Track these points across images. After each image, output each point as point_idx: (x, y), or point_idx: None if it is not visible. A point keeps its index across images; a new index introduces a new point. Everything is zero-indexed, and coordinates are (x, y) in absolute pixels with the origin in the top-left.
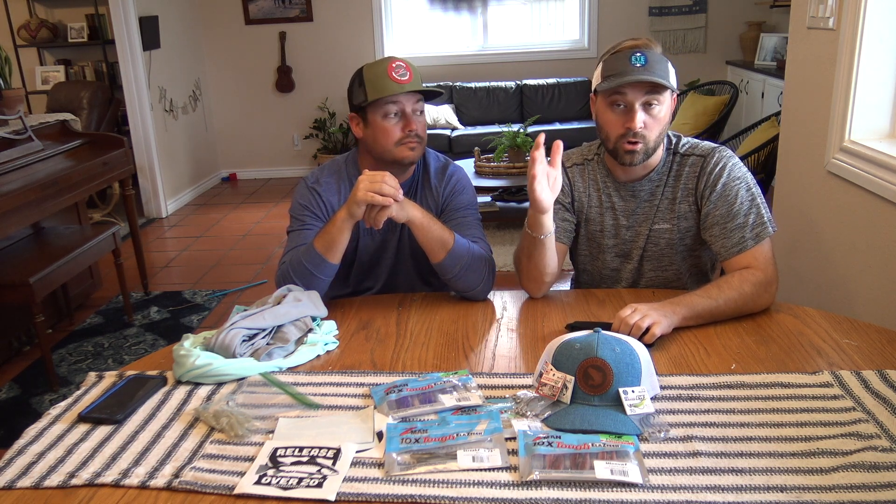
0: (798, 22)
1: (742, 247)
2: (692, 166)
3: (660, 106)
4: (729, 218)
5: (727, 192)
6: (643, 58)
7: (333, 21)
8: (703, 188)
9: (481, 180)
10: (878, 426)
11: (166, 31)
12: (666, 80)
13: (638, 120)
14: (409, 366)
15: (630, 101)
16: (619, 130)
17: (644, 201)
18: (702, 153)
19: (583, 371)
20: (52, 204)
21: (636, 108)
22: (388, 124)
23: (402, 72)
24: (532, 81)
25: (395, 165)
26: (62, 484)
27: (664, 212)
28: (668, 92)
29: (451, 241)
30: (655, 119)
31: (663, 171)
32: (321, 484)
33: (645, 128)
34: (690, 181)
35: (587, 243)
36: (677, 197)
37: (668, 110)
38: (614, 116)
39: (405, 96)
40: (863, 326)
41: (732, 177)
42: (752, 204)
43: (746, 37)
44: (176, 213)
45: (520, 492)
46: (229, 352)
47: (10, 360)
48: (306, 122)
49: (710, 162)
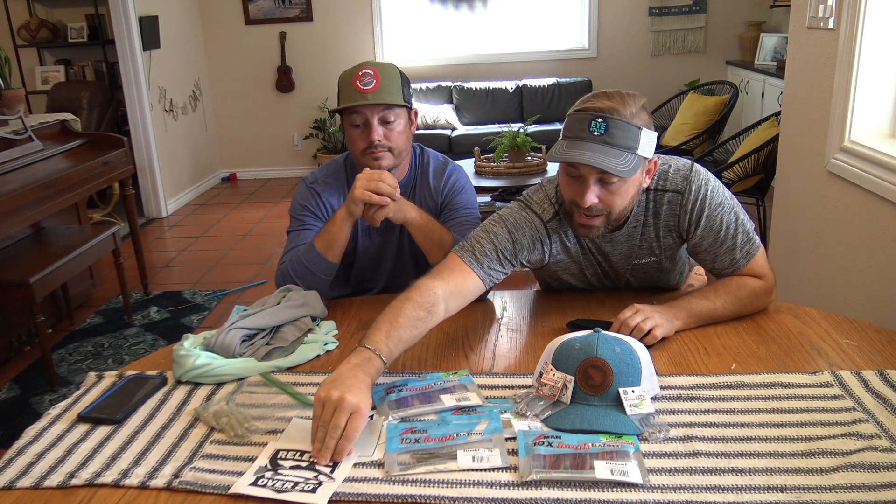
0: (798, 22)
1: (735, 267)
2: (670, 203)
3: (621, 182)
4: (717, 245)
5: (711, 224)
6: (603, 125)
7: (333, 21)
8: (688, 226)
9: (481, 180)
10: (878, 426)
11: (166, 31)
12: (624, 158)
13: (588, 198)
14: (409, 366)
15: (584, 175)
16: (573, 200)
17: (622, 244)
18: (676, 188)
19: (583, 371)
20: (52, 204)
21: (589, 183)
22: (354, 133)
23: (367, 80)
24: (532, 81)
25: None
26: (62, 484)
27: (647, 248)
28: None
29: (450, 241)
30: (615, 195)
31: (639, 212)
32: (315, 489)
33: (601, 202)
34: (671, 219)
35: (564, 280)
36: (660, 234)
37: (636, 181)
38: (567, 184)
39: (368, 106)
40: (863, 326)
41: (713, 206)
42: (738, 225)
43: (746, 37)
44: (176, 213)
45: (520, 492)
46: (229, 352)
47: (10, 360)
48: (306, 122)
49: (687, 198)
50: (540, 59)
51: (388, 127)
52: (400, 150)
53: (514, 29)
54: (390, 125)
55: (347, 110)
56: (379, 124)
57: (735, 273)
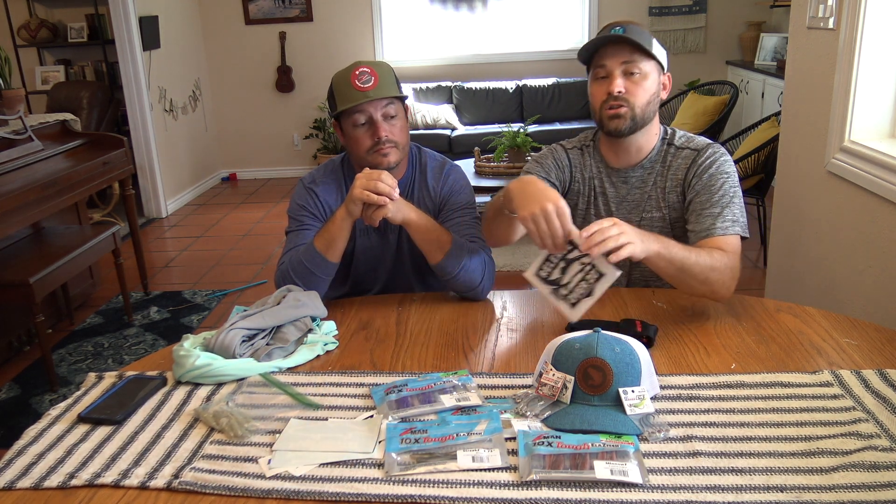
0: (798, 22)
1: (710, 232)
2: (685, 159)
3: (640, 73)
4: (706, 203)
5: (711, 183)
6: (621, 28)
7: (333, 21)
8: (692, 178)
9: (481, 180)
10: (878, 426)
11: (166, 31)
12: (643, 45)
13: (617, 84)
14: (408, 366)
15: (609, 69)
16: (602, 97)
17: (635, 188)
18: (696, 147)
19: (582, 371)
20: (52, 204)
21: (615, 74)
22: (358, 133)
23: (365, 78)
24: (532, 81)
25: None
26: (62, 484)
27: (655, 201)
28: (652, 63)
29: (449, 241)
30: (637, 85)
31: (655, 159)
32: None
33: (627, 93)
34: (680, 172)
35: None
36: (667, 187)
37: (654, 82)
38: (597, 86)
39: (371, 103)
40: (863, 326)
41: (720, 171)
42: (731, 200)
43: (746, 37)
44: (176, 213)
45: (520, 492)
46: (229, 352)
47: (10, 360)
48: (306, 122)
49: (702, 155)
50: (540, 59)
51: (390, 122)
52: (403, 144)
53: (513, 29)
54: (393, 120)
55: (348, 111)
56: (383, 120)
57: (708, 238)
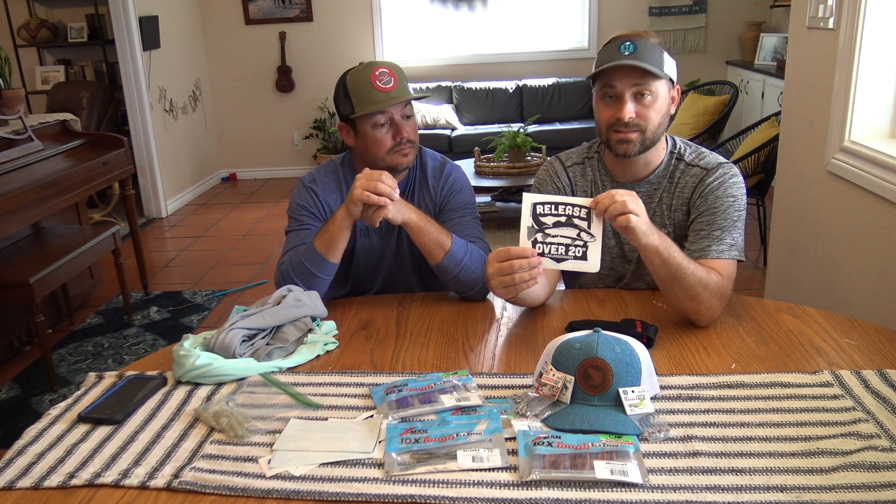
0: (798, 22)
1: (706, 253)
2: (693, 177)
3: (652, 95)
4: (707, 224)
5: (717, 205)
6: (632, 46)
7: (333, 21)
8: (697, 197)
9: (481, 180)
10: (878, 426)
11: (166, 31)
12: (655, 68)
13: (627, 110)
14: (408, 366)
15: (619, 91)
16: (610, 120)
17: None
18: (706, 166)
19: (583, 371)
20: (52, 204)
21: (626, 98)
22: (379, 134)
23: (386, 79)
24: (532, 81)
25: (389, 169)
26: (62, 484)
27: (660, 217)
28: (663, 82)
29: (449, 242)
30: (649, 108)
31: (663, 174)
32: (585, 255)
33: (638, 117)
34: (687, 191)
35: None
36: (674, 204)
37: (665, 101)
38: (605, 107)
39: (394, 105)
40: (863, 326)
41: (727, 194)
42: (734, 224)
43: (746, 37)
44: (176, 213)
45: (520, 492)
46: (229, 352)
47: (10, 360)
48: (306, 122)
49: (711, 175)
50: (540, 59)
51: (407, 122)
52: (417, 144)
53: (513, 29)
54: (409, 120)
55: (369, 113)
56: (402, 120)
57: (703, 259)
